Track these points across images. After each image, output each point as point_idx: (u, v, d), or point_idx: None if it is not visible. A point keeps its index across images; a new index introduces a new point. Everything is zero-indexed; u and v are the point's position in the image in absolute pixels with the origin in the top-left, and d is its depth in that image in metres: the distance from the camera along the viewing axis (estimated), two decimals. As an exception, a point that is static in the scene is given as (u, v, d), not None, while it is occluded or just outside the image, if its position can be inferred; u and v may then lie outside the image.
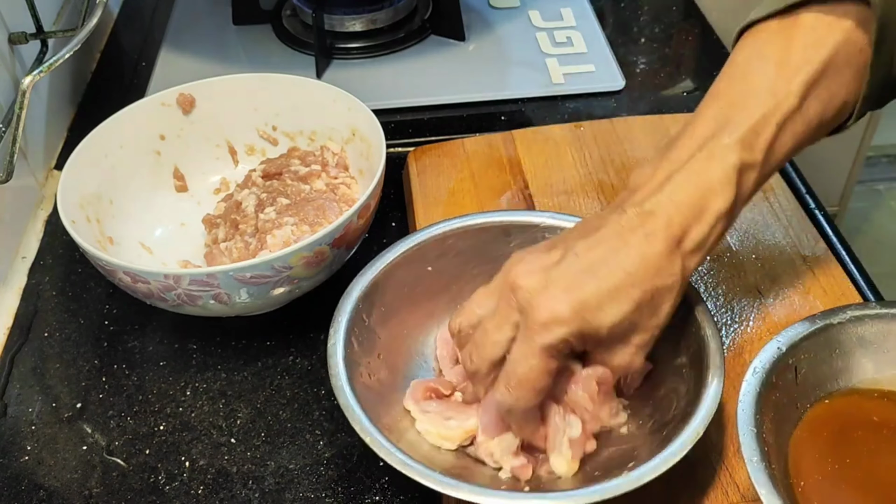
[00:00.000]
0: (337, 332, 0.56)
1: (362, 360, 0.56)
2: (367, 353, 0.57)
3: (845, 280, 0.65)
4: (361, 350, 0.57)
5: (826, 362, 0.54)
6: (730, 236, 0.69)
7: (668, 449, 0.49)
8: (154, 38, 0.98)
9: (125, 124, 0.71)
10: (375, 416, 0.52)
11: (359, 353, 0.56)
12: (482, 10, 1.00)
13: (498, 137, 0.79)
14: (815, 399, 0.54)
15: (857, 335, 0.55)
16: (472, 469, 0.54)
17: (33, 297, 0.70)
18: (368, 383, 0.56)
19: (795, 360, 0.53)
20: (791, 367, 0.53)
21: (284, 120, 0.75)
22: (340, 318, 0.56)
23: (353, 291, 0.58)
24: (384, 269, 0.60)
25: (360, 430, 0.51)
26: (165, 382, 0.64)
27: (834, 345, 0.54)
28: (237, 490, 0.57)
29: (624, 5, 1.03)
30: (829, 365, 0.54)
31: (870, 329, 0.55)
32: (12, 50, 0.75)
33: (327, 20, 0.93)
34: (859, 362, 0.55)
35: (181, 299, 0.59)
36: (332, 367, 0.54)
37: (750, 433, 0.48)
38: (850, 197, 1.62)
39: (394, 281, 0.60)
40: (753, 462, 0.47)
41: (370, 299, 0.58)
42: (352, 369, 0.54)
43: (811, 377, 0.54)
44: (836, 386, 0.54)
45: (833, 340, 0.54)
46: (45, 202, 0.79)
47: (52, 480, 0.58)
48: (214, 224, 0.70)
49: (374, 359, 0.57)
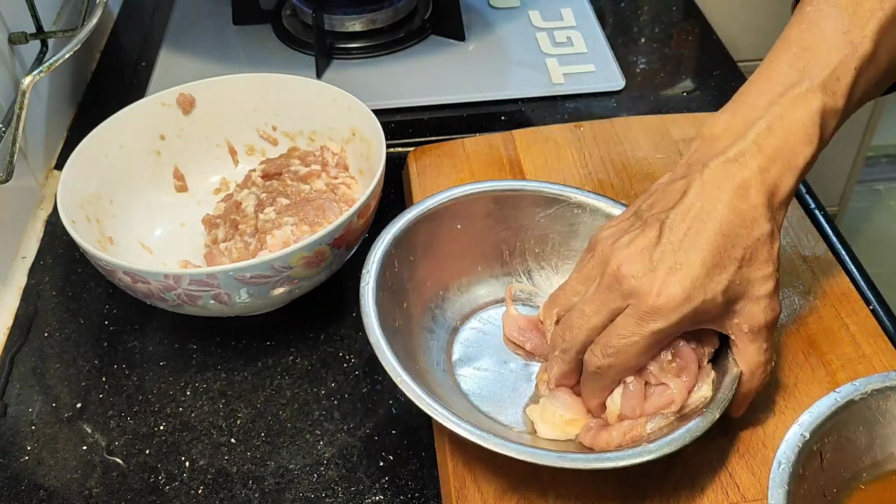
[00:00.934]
0: (369, 272, 0.56)
1: (390, 307, 0.57)
2: (395, 300, 0.57)
3: (845, 280, 0.65)
4: (390, 295, 0.57)
5: (851, 442, 0.50)
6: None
7: (683, 428, 0.49)
8: (154, 38, 0.98)
9: (125, 124, 0.71)
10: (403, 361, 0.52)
11: (387, 298, 0.56)
12: (482, 10, 1.00)
13: (498, 137, 0.79)
14: (841, 484, 0.49)
15: (879, 409, 0.50)
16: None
17: (33, 297, 0.70)
18: (396, 328, 0.56)
19: (820, 446, 0.48)
20: (816, 454, 0.48)
21: (284, 120, 0.75)
22: (372, 259, 0.57)
23: (386, 237, 0.58)
24: (416, 219, 0.60)
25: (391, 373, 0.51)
26: (165, 382, 0.64)
27: (858, 422, 0.50)
28: (237, 490, 0.57)
29: (624, 5, 1.03)
30: (854, 445, 0.50)
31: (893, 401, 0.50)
32: (12, 50, 0.75)
33: (327, 20, 0.93)
34: (886, 436, 0.50)
35: (181, 299, 0.59)
36: (364, 308, 0.54)
37: None
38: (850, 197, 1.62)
39: (423, 233, 0.60)
40: None
41: (402, 247, 0.59)
42: (382, 313, 0.54)
43: (836, 461, 0.49)
44: (861, 465, 0.50)
45: (857, 417, 0.50)
46: (45, 202, 0.79)
47: (52, 480, 0.58)
48: (214, 224, 0.70)
49: (400, 307, 0.58)
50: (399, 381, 0.51)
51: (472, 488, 0.53)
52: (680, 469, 0.54)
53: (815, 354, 0.60)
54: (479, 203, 0.62)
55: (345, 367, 0.64)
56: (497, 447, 0.48)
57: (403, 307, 0.58)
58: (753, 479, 0.53)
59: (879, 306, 0.65)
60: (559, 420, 0.54)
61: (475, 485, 0.53)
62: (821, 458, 0.48)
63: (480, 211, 0.62)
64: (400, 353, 0.53)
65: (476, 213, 0.62)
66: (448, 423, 0.49)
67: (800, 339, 0.61)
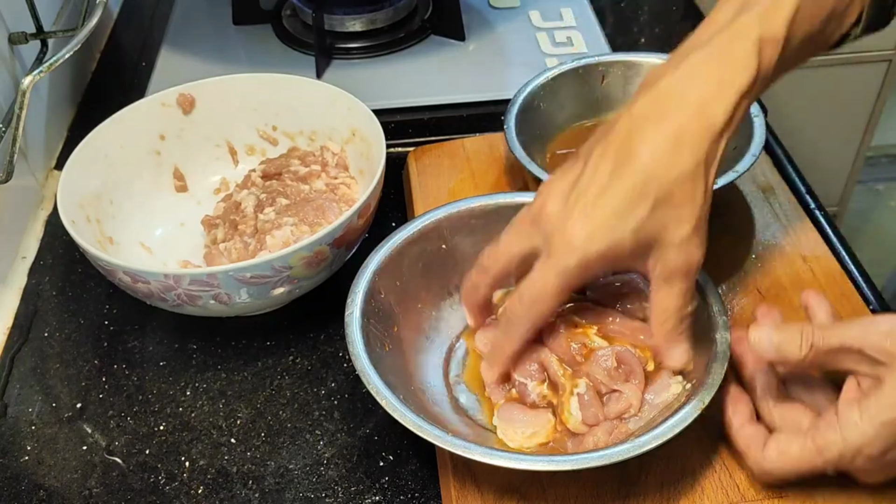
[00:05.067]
0: (354, 302, 0.56)
1: (378, 333, 0.57)
2: (383, 326, 0.57)
3: (845, 280, 0.65)
4: (377, 322, 0.57)
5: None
6: (730, 236, 0.69)
7: (670, 421, 0.49)
8: (154, 38, 0.98)
9: (125, 124, 0.71)
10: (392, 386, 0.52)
11: (375, 324, 0.57)
12: (482, 10, 1.00)
13: (498, 137, 0.79)
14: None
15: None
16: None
17: (33, 297, 0.70)
18: (384, 354, 0.56)
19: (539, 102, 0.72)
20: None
21: (284, 120, 0.75)
22: (357, 289, 0.57)
23: (370, 265, 0.59)
24: (401, 245, 0.60)
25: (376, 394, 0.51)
26: (165, 382, 0.64)
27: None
28: (237, 490, 0.57)
29: (624, 5, 1.03)
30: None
31: None
32: (12, 50, 0.75)
33: (327, 20, 0.93)
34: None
35: (181, 299, 0.59)
36: (349, 336, 0.54)
37: None
38: (850, 197, 1.62)
39: (409, 257, 0.60)
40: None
41: (387, 273, 0.59)
42: (369, 340, 0.55)
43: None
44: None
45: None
46: (45, 202, 0.79)
47: (52, 480, 0.58)
48: (213, 225, 0.70)
49: (389, 331, 0.58)
50: (384, 402, 0.51)
51: (472, 488, 0.53)
52: (680, 469, 0.54)
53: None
54: (462, 220, 0.62)
55: (345, 367, 0.64)
56: (476, 455, 0.49)
57: (394, 332, 0.58)
58: (754, 479, 0.53)
59: (879, 306, 0.65)
60: (521, 436, 0.54)
61: (475, 485, 0.53)
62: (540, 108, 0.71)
63: (465, 228, 0.62)
64: (390, 376, 0.53)
65: (461, 230, 0.62)
66: (430, 438, 0.49)
67: (800, 339, 0.61)
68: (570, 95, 0.76)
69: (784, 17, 0.48)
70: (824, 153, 1.48)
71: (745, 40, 0.48)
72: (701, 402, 0.50)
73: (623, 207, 0.47)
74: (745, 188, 0.73)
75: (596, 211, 0.47)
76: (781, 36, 0.48)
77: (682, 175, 0.47)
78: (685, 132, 0.47)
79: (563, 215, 0.48)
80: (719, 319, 0.53)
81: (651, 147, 0.47)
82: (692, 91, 0.47)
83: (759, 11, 0.48)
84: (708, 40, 0.49)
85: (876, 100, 1.45)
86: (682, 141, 0.47)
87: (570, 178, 0.50)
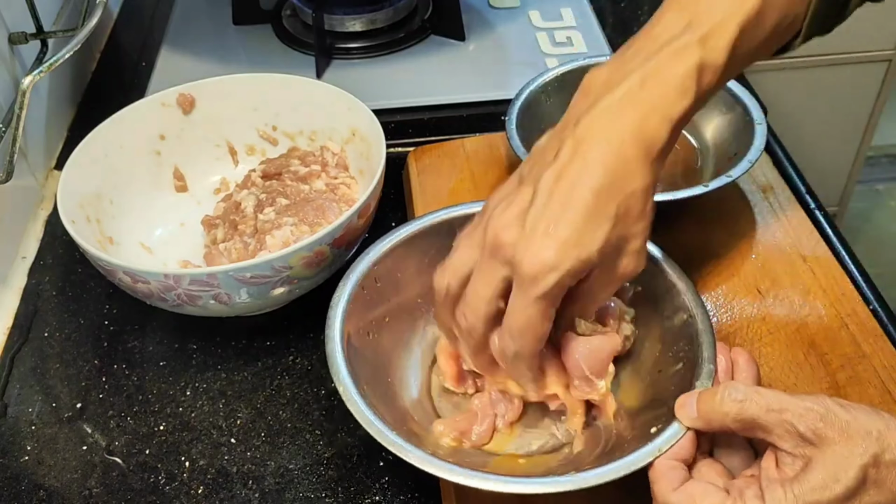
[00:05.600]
0: (338, 303, 0.56)
1: (360, 337, 0.57)
2: (363, 332, 0.57)
3: (845, 280, 0.65)
4: (358, 327, 0.57)
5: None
6: (730, 236, 0.69)
7: (654, 442, 0.49)
8: (154, 38, 0.98)
9: (125, 124, 0.71)
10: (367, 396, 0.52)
11: (355, 330, 0.57)
12: (482, 10, 1.00)
13: (498, 137, 0.79)
14: None
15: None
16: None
17: (33, 297, 0.70)
18: (363, 359, 0.56)
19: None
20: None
21: (284, 120, 0.75)
22: (341, 293, 0.57)
23: (356, 270, 0.58)
24: (385, 252, 0.60)
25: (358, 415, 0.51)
26: (165, 382, 0.64)
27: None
28: (237, 490, 0.57)
29: (624, 5, 1.03)
30: None
31: None
32: (12, 50, 0.75)
33: (327, 20, 0.93)
34: None
35: (181, 299, 0.59)
36: (328, 345, 0.54)
37: None
38: (850, 197, 1.62)
39: (392, 264, 0.60)
40: None
41: (371, 277, 0.58)
42: (350, 345, 0.55)
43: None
44: None
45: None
46: (45, 202, 0.79)
47: (52, 480, 0.58)
48: (213, 225, 0.70)
49: (367, 337, 0.58)
50: (367, 425, 0.51)
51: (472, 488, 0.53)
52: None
53: (815, 354, 0.60)
54: (439, 233, 0.61)
55: (345, 367, 0.64)
56: (460, 479, 0.49)
57: (369, 337, 0.58)
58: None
59: (879, 306, 0.65)
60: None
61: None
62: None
63: (443, 241, 0.60)
64: (375, 399, 0.53)
65: (439, 244, 0.60)
66: (412, 460, 0.49)
67: (800, 339, 0.62)
68: (570, 95, 0.75)
69: (726, 42, 0.49)
70: (824, 153, 1.48)
71: (684, 65, 0.49)
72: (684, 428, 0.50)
73: (588, 224, 0.48)
74: (745, 188, 0.73)
75: (560, 230, 0.48)
76: (722, 62, 0.49)
77: (636, 192, 0.49)
78: (629, 154, 0.48)
79: (526, 240, 0.48)
80: (705, 367, 0.53)
81: (603, 168, 0.48)
82: (631, 113, 0.48)
83: (701, 35, 0.49)
84: (645, 60, 0.49)
85: (876, 100, 1.45)
86: (628, 160, 0.48)
87: (520, 204, 0.50)
